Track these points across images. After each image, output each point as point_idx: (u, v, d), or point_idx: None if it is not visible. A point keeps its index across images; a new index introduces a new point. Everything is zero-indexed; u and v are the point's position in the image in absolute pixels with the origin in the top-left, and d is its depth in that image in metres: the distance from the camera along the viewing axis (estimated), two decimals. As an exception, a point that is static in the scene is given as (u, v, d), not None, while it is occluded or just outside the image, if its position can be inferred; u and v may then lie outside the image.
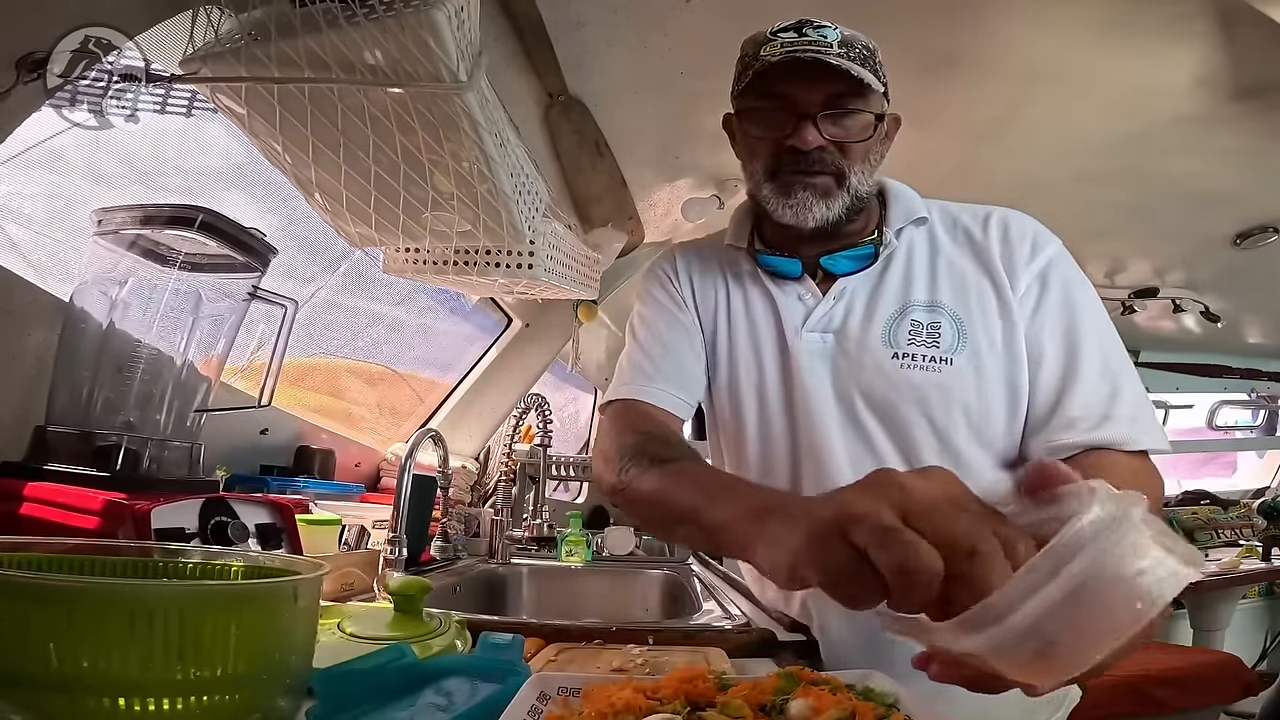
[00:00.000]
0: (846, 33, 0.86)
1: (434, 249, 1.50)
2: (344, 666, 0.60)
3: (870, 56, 0.87)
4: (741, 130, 0.91)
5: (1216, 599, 3.09)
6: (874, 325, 0.89)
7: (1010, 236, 0.90)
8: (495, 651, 0.75)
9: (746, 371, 0.96)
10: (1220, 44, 1.50)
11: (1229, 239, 2.61)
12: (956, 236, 0.92)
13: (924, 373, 0.85)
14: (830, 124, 0.85)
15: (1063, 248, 0.91)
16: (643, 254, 2.50)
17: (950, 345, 0.86)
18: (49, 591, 0.44)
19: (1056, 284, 0.87)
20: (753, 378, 0.95)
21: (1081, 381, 0.84)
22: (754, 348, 0.96)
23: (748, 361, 0.96)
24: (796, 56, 0.81)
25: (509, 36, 1.41)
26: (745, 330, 0.96)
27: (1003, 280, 0.87)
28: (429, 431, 1.53)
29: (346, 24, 0.93)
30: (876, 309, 0.89)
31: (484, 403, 2.46)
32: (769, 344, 0.94)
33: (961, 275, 0.89)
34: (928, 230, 0.93)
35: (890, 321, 0.88)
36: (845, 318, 0.90)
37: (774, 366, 0.93)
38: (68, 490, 0.92)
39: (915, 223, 0.93)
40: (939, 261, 0.90)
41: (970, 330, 0.86)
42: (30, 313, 1.09)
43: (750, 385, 0.95)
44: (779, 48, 0.83)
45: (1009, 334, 0.86)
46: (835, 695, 0.54)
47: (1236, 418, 4.65)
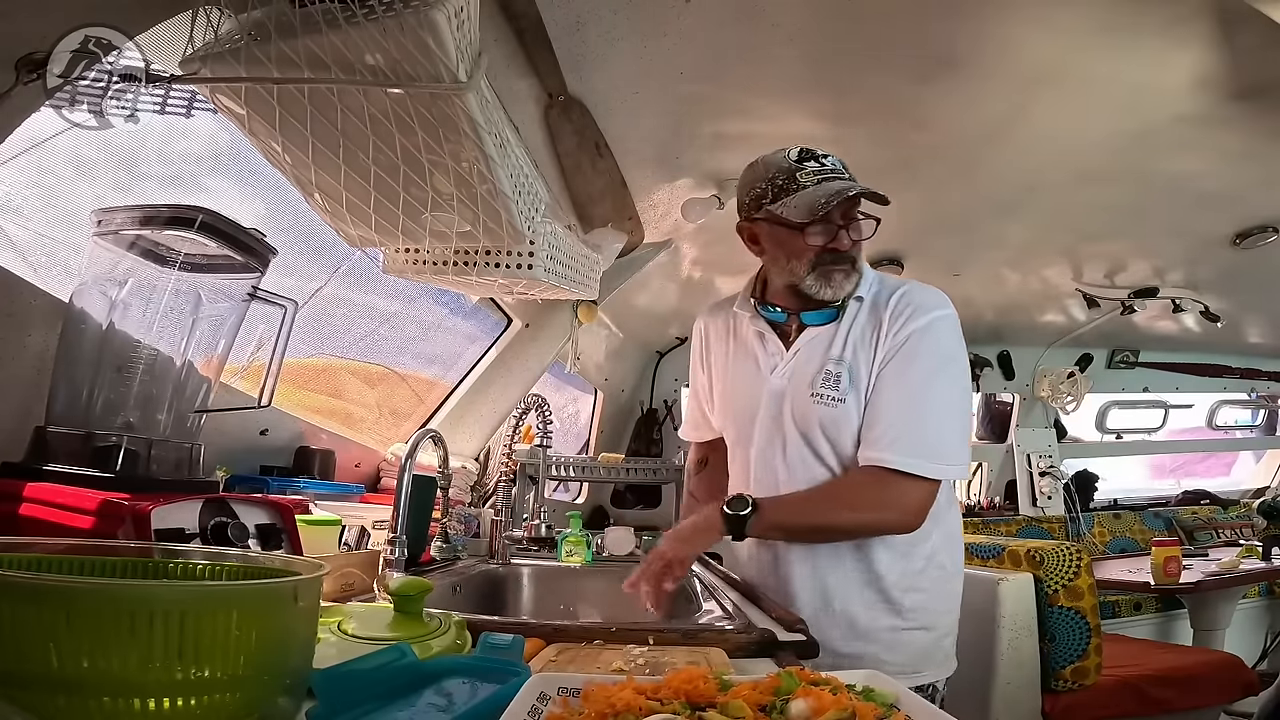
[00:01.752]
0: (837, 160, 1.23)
1: (434, 249, 1.50)
2: (344, 666, 0.60)
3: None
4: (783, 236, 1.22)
5: (1216, 599, 3.09)
6: (808, 374, 1.25)
7: (900, 306, 1.21)
8: (495, 652, 0.75)
9: (737, 402, 1.35)
10: (1220, 45, 1.50)
11: (1229, 239, 2.61)
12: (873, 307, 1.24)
13: (825, 407, 1.22)
14: (858, 230, 1.21)
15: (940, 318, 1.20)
16: (642, 254, 2.50)
17: (845, 389, 1.21)
18: (49, 592, 0.44)
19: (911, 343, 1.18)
20: (741, 404, 1.34)
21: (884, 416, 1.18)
22: (742, 385, 1.34)
23: (738, 394, 1.35)
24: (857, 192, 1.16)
25: (509, 37, 1.41)
26: (736, 375, 1.36)
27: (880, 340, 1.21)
28: (429, 432, 1.53)
29: (346, 24, 0.93)
30: (811, 362, 1.25)
31: (484, 403, 2.46)
32: (754, 382, 1.31)
33: (862, 336, 1.23)
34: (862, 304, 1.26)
35: (816, 372, 1.23)
36: (794, 368, 1.27)
37: (754, 399, 1.30)
38: (68, 491, 0.92)
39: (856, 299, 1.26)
40: (855, 327, 1.24)
41: (856, 378, 1.21)
42: (30, 313, 1.09)
43: (737, 410, 1.35)
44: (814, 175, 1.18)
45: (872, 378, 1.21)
46: (835, 696, 0.55)
47: (1236, 417, 4.65)
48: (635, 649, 0.88)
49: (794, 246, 1.21)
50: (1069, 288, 3.20)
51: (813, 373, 1.23)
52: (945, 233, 2.63)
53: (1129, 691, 2.31)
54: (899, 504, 1.17)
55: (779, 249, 1.24)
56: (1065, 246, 2.81)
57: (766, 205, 1.20)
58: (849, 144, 1.94)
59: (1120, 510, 4.24)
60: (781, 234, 1.22)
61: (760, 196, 1.22)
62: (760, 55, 1.56)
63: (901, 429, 1.16)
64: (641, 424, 3.70)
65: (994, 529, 3.76)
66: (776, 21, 1.44)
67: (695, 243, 2.59)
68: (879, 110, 1.80)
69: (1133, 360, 4.18)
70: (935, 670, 1.27)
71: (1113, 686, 2.28)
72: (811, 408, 1.22)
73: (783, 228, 1.21)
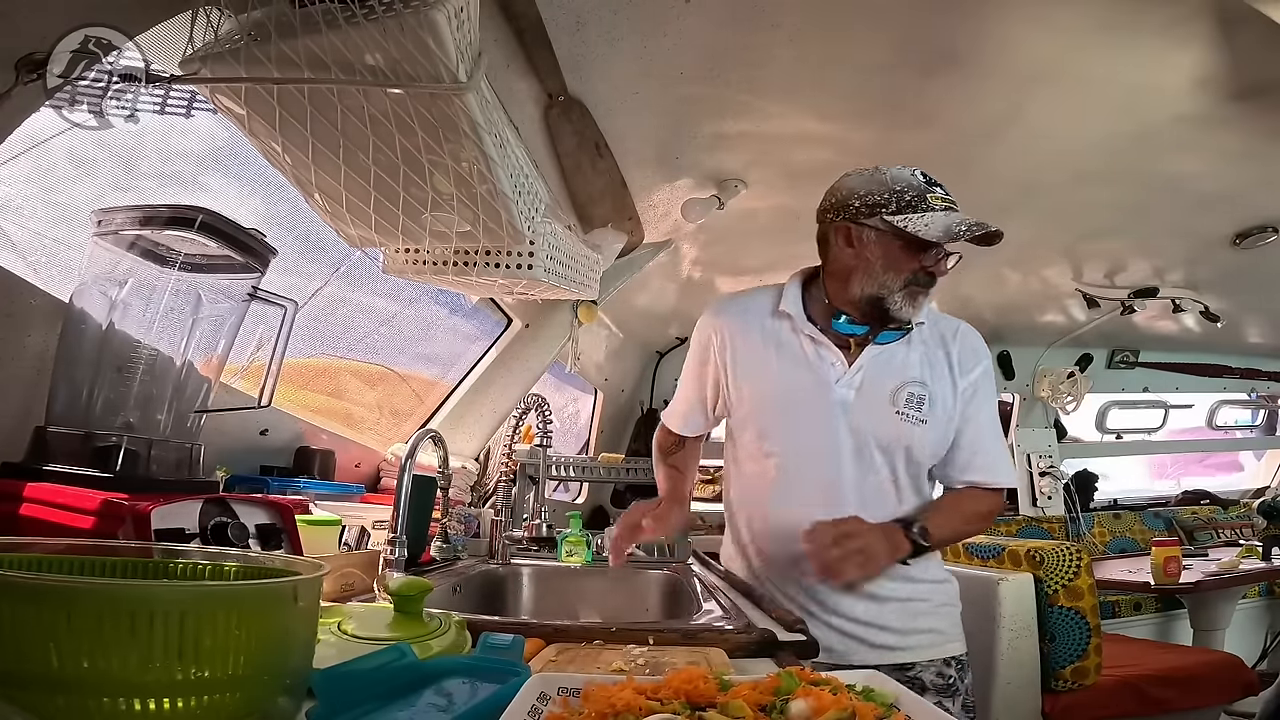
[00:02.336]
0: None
1: (434, 249, 1.50)
2: (344, 667, 0.60)
3: None
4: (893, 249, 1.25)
5: (1216, 599, 3.09)
6: (884, 391, 1.29)
7: (967, 348, 1.35)
8: (495, 652, 0.75)
9: (792, 410, 1.32)
10: (1219, 44, 1.50)
11: (1228, 239, 2.61)
12: (936, 338, 1.35)
13: (912, 426, 1.28)
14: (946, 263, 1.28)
15: (990, 359, 1.38)
16: (642, 254, 2.50)
17: (927, 411, 1.29)
18: (49, 592, 0.44)
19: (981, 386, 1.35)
20: (800, 414, 1.31)
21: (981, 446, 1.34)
22: (792, 390, 1.32)
23: (787, 400, 1.32)
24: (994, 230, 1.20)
25: (509, 37, 1.41)
26: (784, 377, 1.33)
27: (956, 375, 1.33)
28: (429, 432, 1.53)
29: (346, 25, 0.93)
30: (885, 380, 1.30)
31: (484, 403, 2.46)
32: (806, 389, 1.31)
33: (934, 366, 1.33)
34: (923, 330, 1.35)
35: (895, 390, 1.29)
36: (863, 383, 1.30)
37: (815, 406, 1.30)
38: (68, 491, 0.92)
39: (919, 324, 1.34)
40: (925, 353, 1.33)
41: (934, 403, 1.30)
42: (30, 313, 1.09)
43: (793, 417, 1.32)
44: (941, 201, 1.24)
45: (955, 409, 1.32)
46: (835, 696, 0.55)
47: (1236, 417, 4.65)
48: (635, 649, 0.88)
49: (899, 261, 1.25)
50: (1069, 288, 3.20)
51: (890, 390, 1.29)
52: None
53: (1129, 691, 2.31)
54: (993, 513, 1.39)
55: (880, 259, 1.26)
56: (1065, 246, 2.81)
57: (886, 214, 1.23)
58: (848, 144, 1.94)
59: (1120, 510, 4.24)
60: (893, 247, 1.24)
61: (880, 205, 1.24)
62: (760, 55, 1.56)
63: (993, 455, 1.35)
64: (641, 424, 3.70)
65: (994, 529, 3.75)
66: (776, 22, 1.44)
67: (695, 243, 2.59)
68: (878, 110, 1.80)
69: (1133, 360, 4.18)
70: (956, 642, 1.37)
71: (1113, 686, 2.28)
72: (899, 425, 1.27)
73: (897, 241, 1.24)
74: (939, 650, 1.32)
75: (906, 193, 1.23)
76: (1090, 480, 4.22)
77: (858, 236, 1.27)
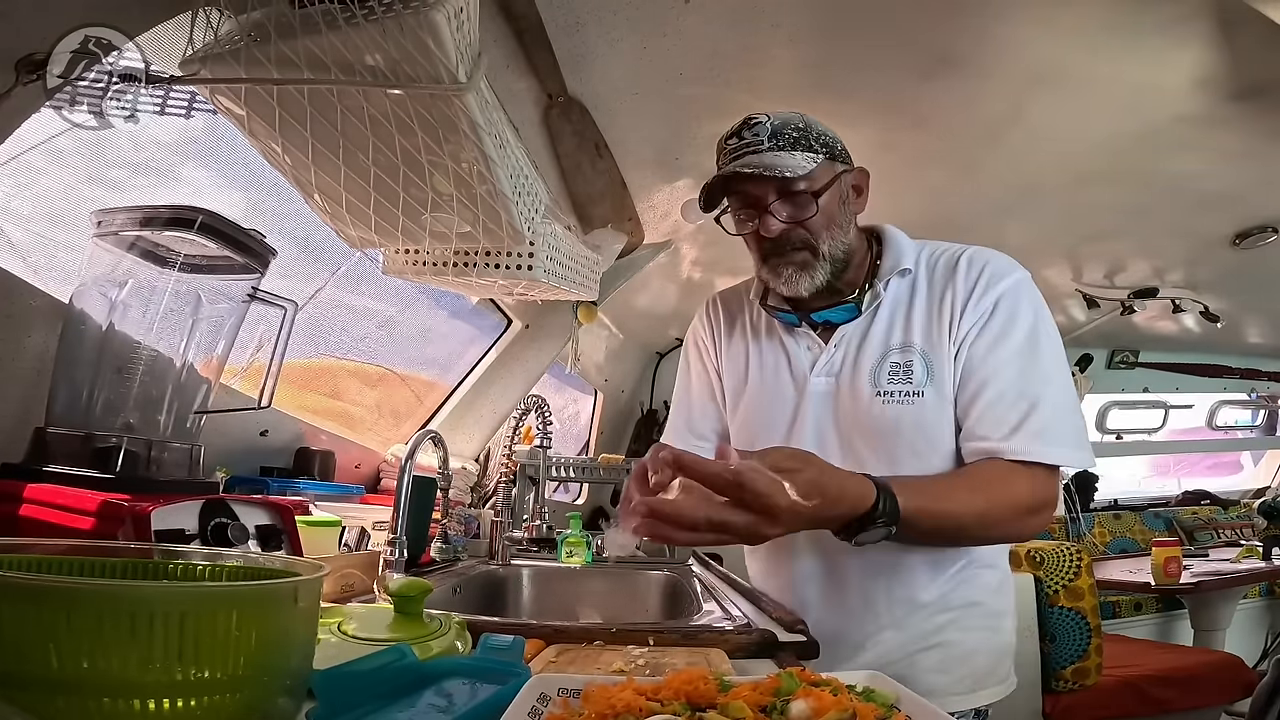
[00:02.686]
0: (777, 121, 0.99)
1: (434, 250, 1.50)
2: (345, 667, 0.60)
3: (803, 135, 1.00)
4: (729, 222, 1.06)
5: (1217, 599, 3.09)
6: (864, 369, 1.03)
7: (971, 274, 1.01)
8: (496, 653, 0.75)
9: (760, 408, 1.10)
10: (1220, 45, 1.50)
11: (1228, 239, 2.61)
12: (933, 280, 1.04)
13: (900, 406, 0.99)
14: (783, 211, 0.99)
15: (1018, 281, 1.00)
16: (642, 255, 2.50)
17: (921, 380, 0.99)
18: (49, 592, 0.44)
19: (999, 314, 0.98)
20: (768, 413, 1.09)
21: (994, 398, 0.95)
22: (770, 388, 1.10)
23: (763, 400, 1.11)
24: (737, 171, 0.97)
25: (508, 38, 1.41)
26: (761, 374, 1.12)
27: (956, 315, 0.99)
28: (429, 433, 1.53)
29: (346, 25, 0.93)
30: (865, 354, 1.03)
31: (484, 404, 2.46)
32: (785, 386, 1.09)
33: (929, 316, 1.01)
34: (911, 278, 1.05)
35: (875, 364, 1.02)
36: (842, 363, 1.05)
37: (788, 405, 1.08)
38: (67, 492, 0.92)
39: (899, 274, 1.05)
40: (915, 307, 1.03)
41: (936, 364, 0.99)
42: (30, 314, 1.09)
43: (764, 419, 1.10)
44: (728, 156, 1.00)
45: (956, 361, 0.99)
46: (836, 696, 0.54)
47: (1236, 418, 4.65)
48: (635, 649, 0.88)
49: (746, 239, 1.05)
50: (1069, 288, 3.20)
51: (871, 366, 1.01)
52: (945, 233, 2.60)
53: (1129, 692, 2.32)
54: (1036, 502, 0.93)
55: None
56: (1065, 247, 2.81)
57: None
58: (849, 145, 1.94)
59: (1120, 510, 4.24)
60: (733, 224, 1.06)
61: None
62: (760, 56, 1.56)
63: (1026, 410, 0.93)
64: (641, 425, 3.70)
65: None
66: (776, 22, 1.44)
67: (695, 243, 2.59)
68: (879, 111, 1.80)
69: (1133, 360, 4.18)
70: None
71: (1113, 687, 2.28)
72: (880, 410, 0.99)
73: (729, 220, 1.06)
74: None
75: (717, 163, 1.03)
76: (1091, 480, 4.23)
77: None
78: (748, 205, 1.02)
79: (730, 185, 1.01)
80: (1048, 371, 0.96)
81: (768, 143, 0.98)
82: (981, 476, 0.94)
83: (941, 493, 0.91)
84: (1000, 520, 0.93)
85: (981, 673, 1.06)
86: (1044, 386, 0.95)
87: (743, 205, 1.03)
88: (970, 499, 0.91)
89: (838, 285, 1.04)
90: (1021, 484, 0.92)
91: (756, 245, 1.04)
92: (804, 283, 1.01)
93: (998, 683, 1.08)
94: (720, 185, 1.01)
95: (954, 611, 1.03)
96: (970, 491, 0.92)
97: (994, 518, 0.92)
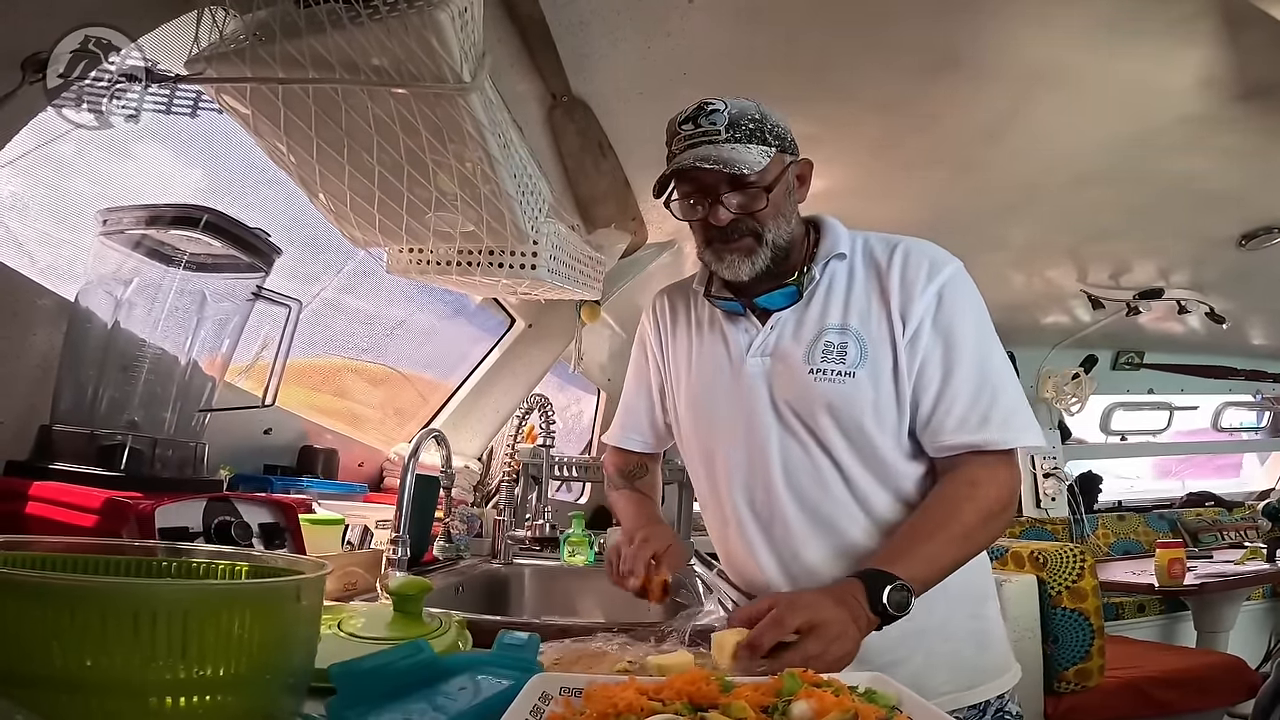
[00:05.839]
0: (735, 110, 1.00)
1: (437, 249, 1.50)
2: (363, 661, 0.61)
3: (759, 127, 1.01)
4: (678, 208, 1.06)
5: (1220, 601, 3.08)
6: (799, 347, 1.04)
7: (909, 265, 1.02)
8: (511, 650, 0.75)
9: (700, 394, 1.13)
10: (1224, 45, 1.50)
11: (1234, 240, 2.61)
12: (869, 267, 1.06)
13: (831, 384, 1.01)
14: (734, 200, 1.00)
15: (957, 271, 1.03)
16: (646, 254, 2.50)
17: (854, 361, 1.01)
18: (52, 590, 0.44)
19: (945, 306, 1.01)
20: (709, 397, 1.11)
21: (960, 392, 0.98)
22: (709, 373, 1.12)
23: (703, 385, 1.12)
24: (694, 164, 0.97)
25: (512, 37, 1.41)
26: (700, 361, 1.14)
27: (896, 304, 1.01)
28: (432, 431, 1.53)
29: (350, 25, 0.93)
30: (801, 333, 1.05)
31: (487, 403, 2.46)
32: (724, 369, 1.10)
33: (867, 302, 1.04)
34: (847, 263, 1.07)
35: (810, 343, 1.04)
36: (777, 342, 1.06)
37: (724, 387, 1.09)
38: (72, 489, 0.92)
39: (836, 258, 1.07)
40: (852, 291, 1.05)
41: (871, 347, 1.01)
42: (35, 313, 1.10)
43: (705, 404, 1.12)
44: (683, 141, 1.00)
45: (899, 349, 1.01)
46: (838, 697, 0.54)
47: (1241, 419, 4.64)
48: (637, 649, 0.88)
49: (693, 226, 1.07)
50: (1073, 289, 3.20)
51: (806, 345, 1.03)
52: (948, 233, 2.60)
53: (1132, 693, 2.31)
54: (1000, 501, 0.96)
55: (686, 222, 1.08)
56: (1069, 247, 2.81)
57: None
58: (850, 145, 1.94)
59: (1124, 512, 4.23)
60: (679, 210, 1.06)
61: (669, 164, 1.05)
62: (762, 56, 1.56)
63: (975, 401, 0.97)
64: (644, 424, 3.69)
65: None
66: (778, 22, 1.44)
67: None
68: (881, 111, 1.80)
69: (1137, 362, 4.17)
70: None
71: (1116, 688, 2.28)
72: (812, 387, 1.00)
73: (675, 205, 1.06)
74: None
75: (668, 143, 1.03)
76: (1094, 482, 4.22)
77: (669, 202, 1.07)
78: (699, 192, 1.02)
79: (683, 172, 1.00)
80: (995, 359, 1.01)
81: (725, 133, 0.99)
82: (943, 509, 0.95)
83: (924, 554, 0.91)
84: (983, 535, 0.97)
85: (971, 664, 1.06)
86: (998, 374, 0.99)
87: (693, 191, 1.02)
88: (948, 536, 0.93)
89: (777, 271, 1.06)
90: (983, 489, 0.95)
91: (702, 230, 1.05)
92: (745, 268, 1.03)
93: (998, 674, 1.08)
94: (673, 172, 1.01)
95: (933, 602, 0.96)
96: (944, 528, 0.93)
97: (977, 538, 0.96)
